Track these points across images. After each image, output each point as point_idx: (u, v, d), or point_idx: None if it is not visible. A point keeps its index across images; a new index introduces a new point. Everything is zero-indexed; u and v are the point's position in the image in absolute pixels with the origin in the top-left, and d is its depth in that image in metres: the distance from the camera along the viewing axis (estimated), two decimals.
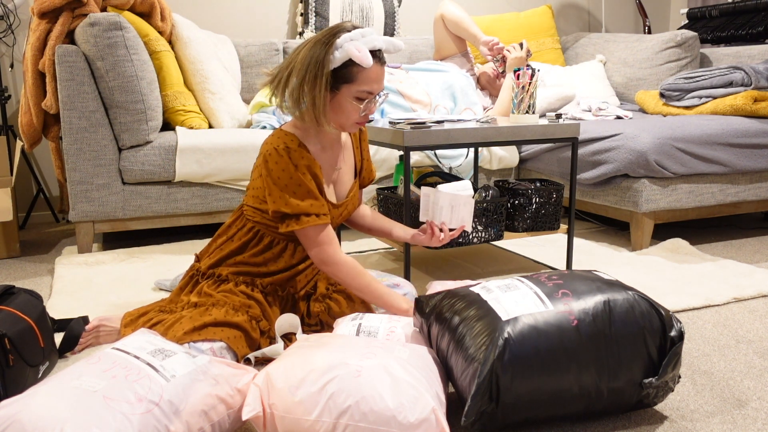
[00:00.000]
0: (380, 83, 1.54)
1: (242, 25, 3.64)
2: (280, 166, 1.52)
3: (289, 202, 1.52)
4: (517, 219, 2.15)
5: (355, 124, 1.58)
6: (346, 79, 1.50)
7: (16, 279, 2.34)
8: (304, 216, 1.53)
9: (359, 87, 1.51)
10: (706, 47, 3.78)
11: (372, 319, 1.48)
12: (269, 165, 1.53)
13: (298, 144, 1.55)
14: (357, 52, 1.45)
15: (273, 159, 1.53)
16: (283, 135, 1.56)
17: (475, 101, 3.01)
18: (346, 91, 1.51)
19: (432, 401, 1.12)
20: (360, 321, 1.48)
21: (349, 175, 1.73)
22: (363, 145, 1.80)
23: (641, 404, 1.29)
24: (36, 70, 2.56)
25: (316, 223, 1.54)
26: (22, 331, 1.39)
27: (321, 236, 1.56)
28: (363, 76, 1.50)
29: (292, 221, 1.54)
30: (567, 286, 1.29)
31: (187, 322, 1.50)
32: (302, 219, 1.53)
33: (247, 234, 1.66)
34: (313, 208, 1.54)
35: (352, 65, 1.49)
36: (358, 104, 1.53)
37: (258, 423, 1.16)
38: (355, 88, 1.51)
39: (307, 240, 1.57)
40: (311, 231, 1.56)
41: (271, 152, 1.53)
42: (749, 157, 2.66)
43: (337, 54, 1.47)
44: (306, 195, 1.53)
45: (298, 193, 1.53)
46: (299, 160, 1.53)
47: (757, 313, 1.89)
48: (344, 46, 1.47)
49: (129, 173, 2.54)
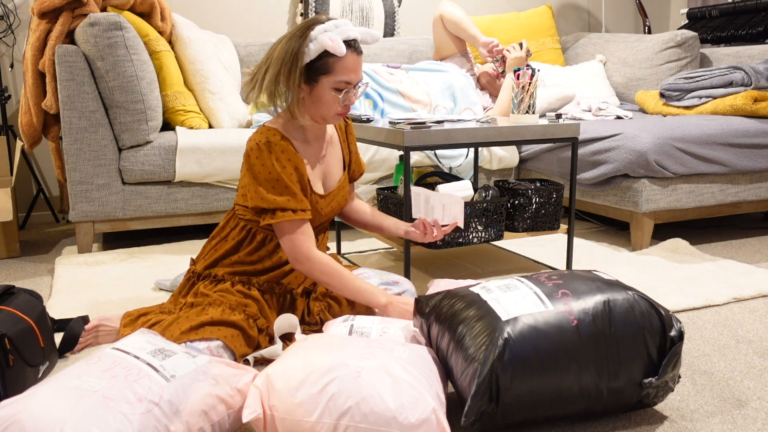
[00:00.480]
0: (357, 73, 1.56)
1: (242, 25, 3.64)
2: (260, 161, 1.54)
3: (266, 197, 1.54)
4: (517, 219, 2.15)
5: (337, 116, 1.59)
6: (323, 71, 1.52)
7: (16, 279, 2.34)
8: (280, 211, 1.55)
9: (336, 77, 1.53)
10: (706, 47, 3.78)
11: (364, 320, 1.48)
12: (250, 160, 1.55)
13: (281, 138, 1.56)
14: (330, 42, 1.47)
15: (254, 154, 1.55)
16: (265, 130, 1.57)
17: (475, 101, 3.01)
18: (325, 83, 1.53)
19: (432, 401, 1.12)
20: (352, 322, 1.48)
21: (337, 168, 1.74)
22: (350, 139, 1.81)
23: (641, 404, 1.29)
24: (36, 70, 2.56)
25: (291, 218, 1.55)
26: (22, 331, 1.39)
27: (296, 232, 1.57)
28: (339, 66, 1.52)
29: (267, 215, 1.56)
30: (567, 286, 1.29)
31: (184, 321, 1.50)
32: (277, 214, 1.55)
33: (240, 233, 1.67)
34: (290, 204, 1.55)
35: (327, 56, 1.51)
36: (337, 95, 1.54)
37: (258, 425, 1.16)
38: (332, 79, 1.53)
39: (281, 235, 1.58)
40: (286, 226, 1.56)
41: (252, 147, 1.55)
42: (749, 157, 2.66)
43: (312, 46, 1.50)
44: (283, 190, 1.55)
45: (275, 188, 1.54)
46: (280, 154, 1.55)
47: (757, 313, 1.89)
48: (318, 37, 1.49)
49: (129, 173, 2.54)
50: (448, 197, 1.77)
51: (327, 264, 1.57)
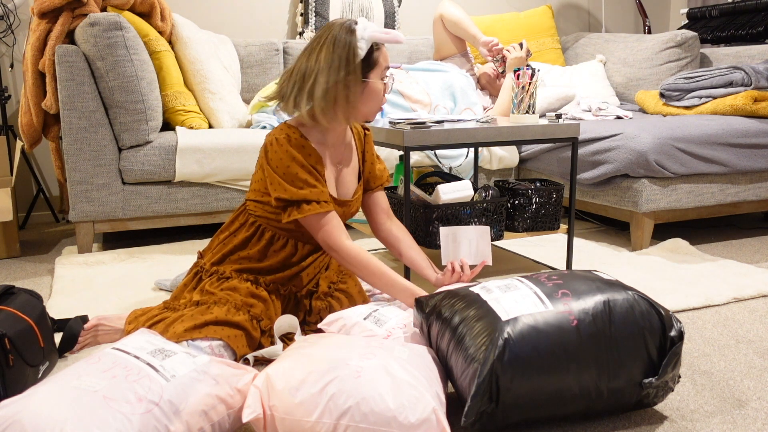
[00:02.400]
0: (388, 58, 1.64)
1: (242, 25, 3.64)
2: (278, 155, 1.55)
3: (288, 189, 1.54)
4: (517, 219, 2.15)
5: (380, 108, 1.64)
6: (371, 65, 1.57)
7: (16, 279, 2.34)
8: (305, 203, 1.55)
9: (381, 67, 1.59)
10: (706, 47, 3.78)
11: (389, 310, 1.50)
12: (269, 154, 1.56)
13: (300, 135, 1.58)
14: (384, 34, 1.55)
15: (273, 148, 1.56)
16: (285, 127, 1.59)
17: (475, 101, 3.01)
18: (374, 76, 1.58)
19: (432, 401, 1.12)
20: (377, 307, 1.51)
21: (351, 176, 1.74)
22: (367, 148, 1.80)
23: (641, 404, 1.29)
24: (36, 70, 2.56)
25: (317, 210, 1.55)
26: (22, 331, 1.39)
27: (323, 221, 1.57)
28: (381, 56, 1.59)
29: (293, 209, 1.55)
30: (567, 286, 1.29)
31: (189, 319, 1.51)
32: (303, 207, 1.55)
33: (249, 229, 1.67)
34: (313, 195, 1.55)
35: (372, 51, 1.56)
36: (384, 84, 1.61)
37: (258, 425, 1.16)
38: (379, 71, 1.59)
39: (312, 227, 1.58)
40: (313, 218, 1.57)
41: (272, 141, 1.57)
42: (749, 157, 2.66)
43: (363, 44, 1.53)
44: (304, 183, 1.55)
45: (296, 181, 1.55)
46: (300, 148, 1.56)
47: (757, 313, 1.89)
48: (365, 35, 1.53)
49: (129, 173, 2.54)
50: (474, 230, 1.77)
51: (359, 254, 1.57)
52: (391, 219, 1.82)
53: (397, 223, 1.82)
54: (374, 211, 1.82)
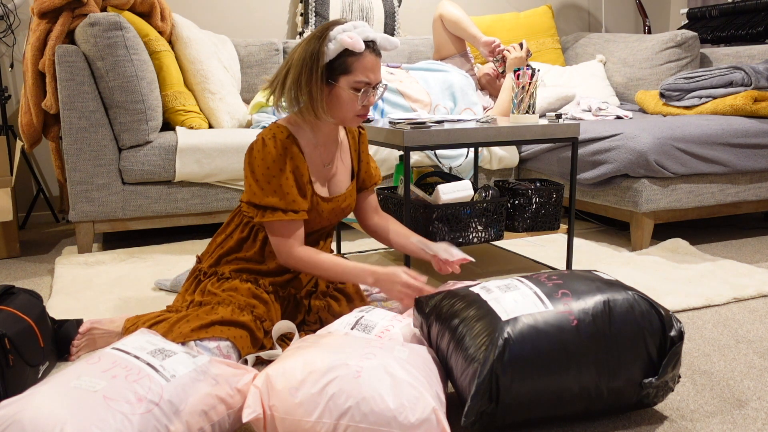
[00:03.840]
0: (376, 74, 1.57)
1: (242, 25, 3.64)
2: (260, 156, 1.55)
3: (258, 194, 1.55)
4: (517, 219, 2.15)
5: (356, 117, 1.60)
6: (342, 70, 1.53)
7: (16, 279, 2.34)
8: (270, 210, 1.56)
9: (355, 77, 1.54)
10: (706, 47, 3.78)
11: (374, 314, 1.49)
12: (252, 153, 1.57)
13: (287, 136, 1.57)
14: (349, 39, 1.49)
15: (257, 147, 1.56)
16: (274, 127, 1.59)
17: (475, 101, 3.01)
18: (344, 83, 1.54)
19: (432, 401, 1.12)
20: (362, 314, 1.49)
21: (344, 175, 1.74)
22: (362, 148, 1.80)
23: (641, 404, 1.29)
24: (36, 70, 2.56)
25: (281, 218, 1.56)
26: (22, 331, 1.39)
27: (283, 231, 1.58)
28: (358, 65, 1.53)
29: (258, 213, 1.57)
30: (567, 286, 1.29)
31: (195, 319, 1.50)
32: (267, 213, 1.56)
33: (244, 231, 1.68)
34: (282, 204, 1.56)
35: (347, 56, 1.52)
36: (356, 95, 1.55)
37: (258, 425, 1.16)
38: (351, 79, 1.54)
39: (271, 233, 1.60)
40: (275, 225, 1.58)
41: (257, 140, 1.57)
42: (749, 157, 2.66)
43: (331, 45, 1.51)
44: (277, 188, 1.56)
45: (270, 184, 1.55)
46: (282, 150, 1.56)
47: (757, 313, 1.89)
48: (337, 37, 1.51)
49: (129, 173, 2.54)
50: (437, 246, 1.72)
51: (309, 259, 1.59)
52: (378, 214, 1.86)
53: (383, 215, 1.86)
54: (365, 208, 1.84)
